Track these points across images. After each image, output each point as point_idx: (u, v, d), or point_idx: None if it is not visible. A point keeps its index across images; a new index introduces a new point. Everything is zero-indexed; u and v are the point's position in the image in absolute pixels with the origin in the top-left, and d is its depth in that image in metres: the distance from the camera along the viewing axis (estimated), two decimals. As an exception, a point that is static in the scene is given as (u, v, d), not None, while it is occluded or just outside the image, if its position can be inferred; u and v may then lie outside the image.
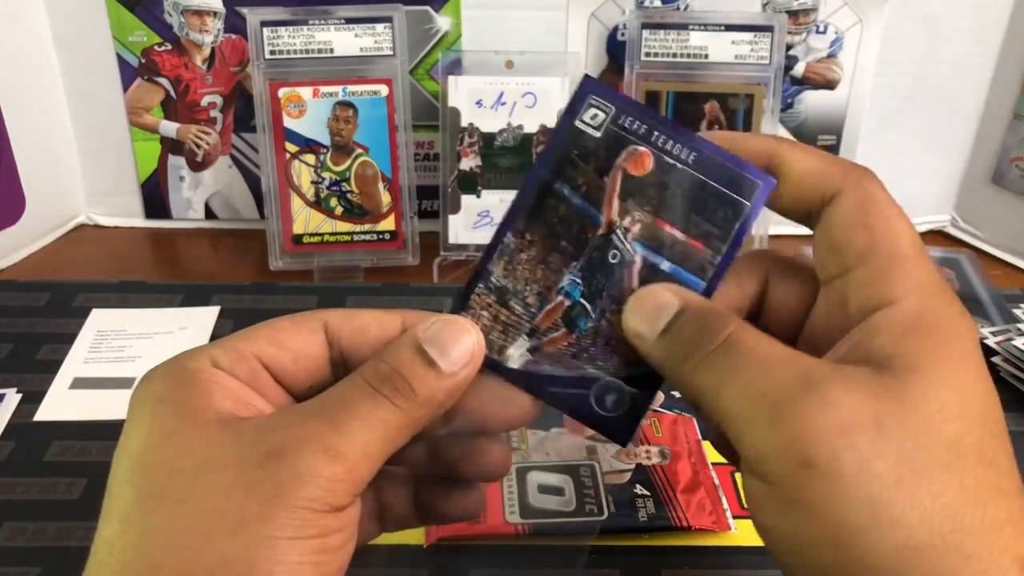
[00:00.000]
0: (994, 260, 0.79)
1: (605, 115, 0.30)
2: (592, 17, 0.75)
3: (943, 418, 0.24)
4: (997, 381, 0.61)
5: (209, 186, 0.81)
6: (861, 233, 0.27)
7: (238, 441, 0.26)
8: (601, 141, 0.30)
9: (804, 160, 0.29)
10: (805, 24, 0.75)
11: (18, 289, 0.71)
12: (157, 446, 0.26)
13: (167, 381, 0.27)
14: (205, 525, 0.24)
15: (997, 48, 0.75)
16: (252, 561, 0.24)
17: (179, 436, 0.26)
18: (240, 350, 0.28)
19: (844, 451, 0.23)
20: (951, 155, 0.81)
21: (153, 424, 0.26)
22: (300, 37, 0.71)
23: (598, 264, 0.30)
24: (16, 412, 0.58)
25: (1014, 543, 0.23)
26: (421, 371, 0.27)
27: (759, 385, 0.25)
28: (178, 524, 0.24)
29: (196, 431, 0.26)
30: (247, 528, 0.24)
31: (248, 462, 0.25)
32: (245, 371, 0.28)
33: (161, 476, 0.25)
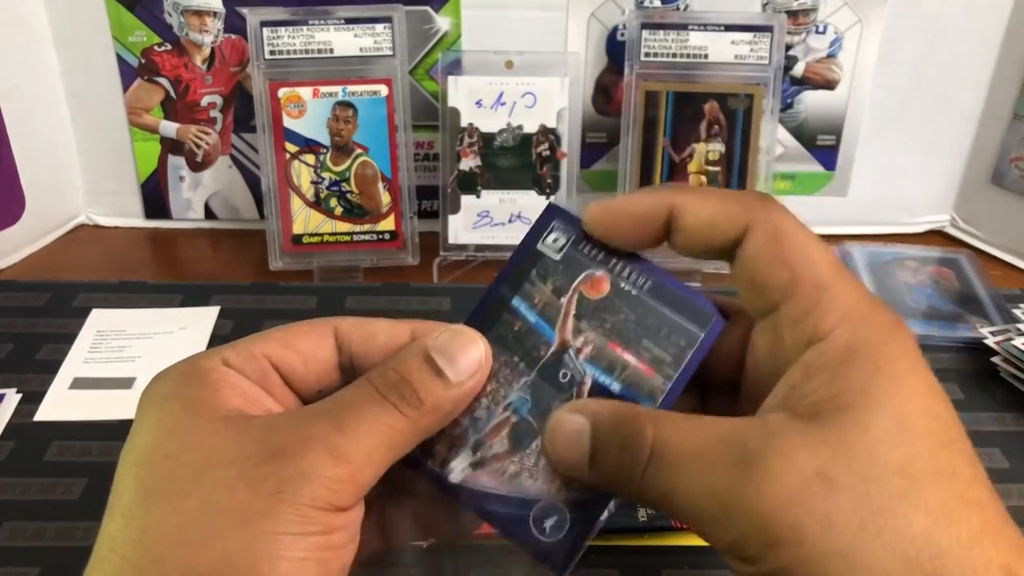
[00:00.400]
0: (994, 260, 0.79)
1: (566, 240, 0.31)
2: (592, 17, 0.75)
3: (886, 448, 0.24)
4: (997, 381, 0.62)
5: (209, 186, 0.81)
6: (779, 268, 0.27)
7: (244, 438, 0.26)
8: (560, 263, 0.31)
9: (702, 205, 0.28)
10: (805, 24, 0.75)
11: (18, 289, 0.71)
12: (163, 441, 0.26)
13: (177, 379, 0.28)
14: (208, 520, 0.24)
15: (997, 48, 0.75)
16: (255, 555, 0.24)
17: (185, 431, 0.26)
18: (251, 350, 0.29)
19: (802, 518, 0.23)
20: (951, 155, 0.81)
21: (160, 420, 0.27)
22: (300, 37, 0.71)
23: (548, 382, 0.30)
24: (16, 412, 0.58)
25: (996, 553, 0.23)
26: (428, 380, 0.27)
27: (701, 485, 0.25)
28: (181, 518, 0.25)
29: (203, 426, 0.26)
30: (250, 523, 0.24)
31: (253, 459, 0.25)
32: (255, 370, 0.28)
33: (165, 471, 0.25)
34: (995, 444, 0.57)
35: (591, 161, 0.80)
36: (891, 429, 0.24)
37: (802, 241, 0.27)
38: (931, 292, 0.73)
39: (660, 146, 0.73)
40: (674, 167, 0.73)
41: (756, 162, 0.72)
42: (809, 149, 0.80)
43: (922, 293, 0.72)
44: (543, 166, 0.73)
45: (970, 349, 0.65)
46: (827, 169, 0.81)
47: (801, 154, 0.80)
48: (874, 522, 0.23)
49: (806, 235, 0.27)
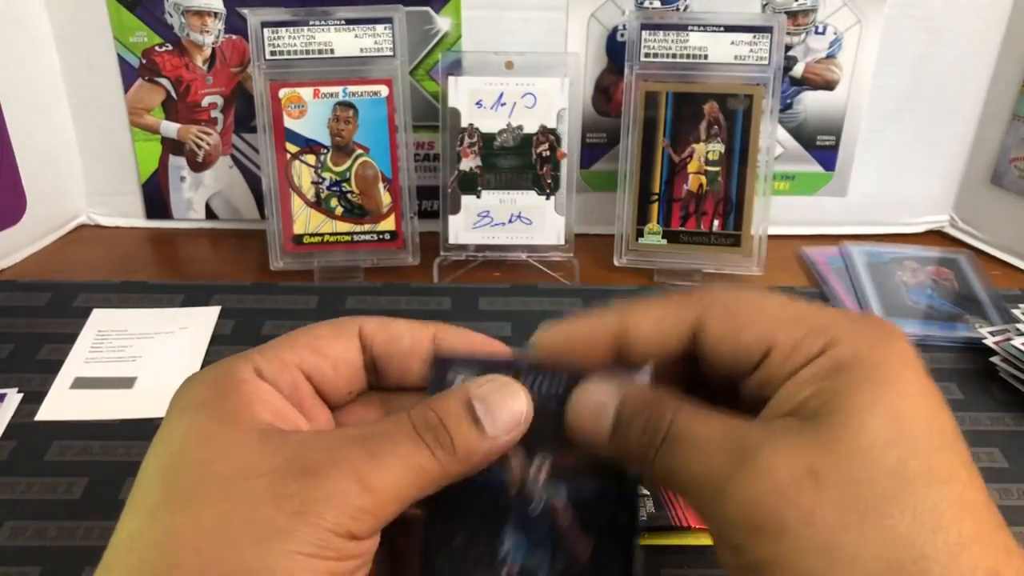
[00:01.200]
0: (993, 260, 0.79)
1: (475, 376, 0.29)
2: (592, 18, 0.75)
3: (880, 450, 0.24)
4: (996, 381, 0.62)
5: (210, 186, 0.81)
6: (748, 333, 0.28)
7: (276, 453, 0.26)
8: None
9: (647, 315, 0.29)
10: (804, 25, 0.76)
11: (19, 289, 0.71)
12: (195, 447, 0.26)
13: (211, 388, 0.28)
14: (229, 531, 0.24)
15: (996, 49, 0.76)
16: (270, 572, 0.24)
17: (219, 440, 0.26)
18: (283, 359, 0.29)
19: (785, 510, 0.24)
20: (950, 155, 0.81)
21: (193, 426, 0.27)
22: (300, 38, 0.71)
23: (527, 523, 0.29)
24: (17, 412, 0.58)
25: (984, 558, 0.23)
26: (466, 428, 0.27)
27: (703, 468, 0.26)
28: (203, 526, 0.25)
29: (236, 437, 0.26)
30: (270, 540, 0.24)
31: (283, 475, 0.25)
32: (287, 382, 0.29)
33: (195, 477, 0.26)
34: (994, 444, 0.57)
35: (591, 161, 0.80)
36: (886, 431, 0.24)
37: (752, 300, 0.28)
38: (930, 292, 0.73)
39: (660, 146, 0.73)
40: (674, 167, 0.73)
41: (756, 162, 0.72)
42: (808, 149, 0.80)
43: (921, 293, 0.72)
44: (543, 166, 0.73)
45: (969, 349, 0.66)
46: (826, 169, 0.81)
47: (800, 154, 0.80)
48: (859, 522, 0.23)
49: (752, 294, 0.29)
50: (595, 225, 0.79)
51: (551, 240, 0.74)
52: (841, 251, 0.78)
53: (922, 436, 0.24)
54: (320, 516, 0.25)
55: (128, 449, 0.55)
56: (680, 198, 0.74)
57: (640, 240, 0.75)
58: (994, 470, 0.55)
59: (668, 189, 0.74)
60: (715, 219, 0.74)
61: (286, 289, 0.72)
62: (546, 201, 0.74)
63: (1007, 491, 0.54)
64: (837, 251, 0.78)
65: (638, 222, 0.74)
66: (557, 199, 0.74)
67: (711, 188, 0.73)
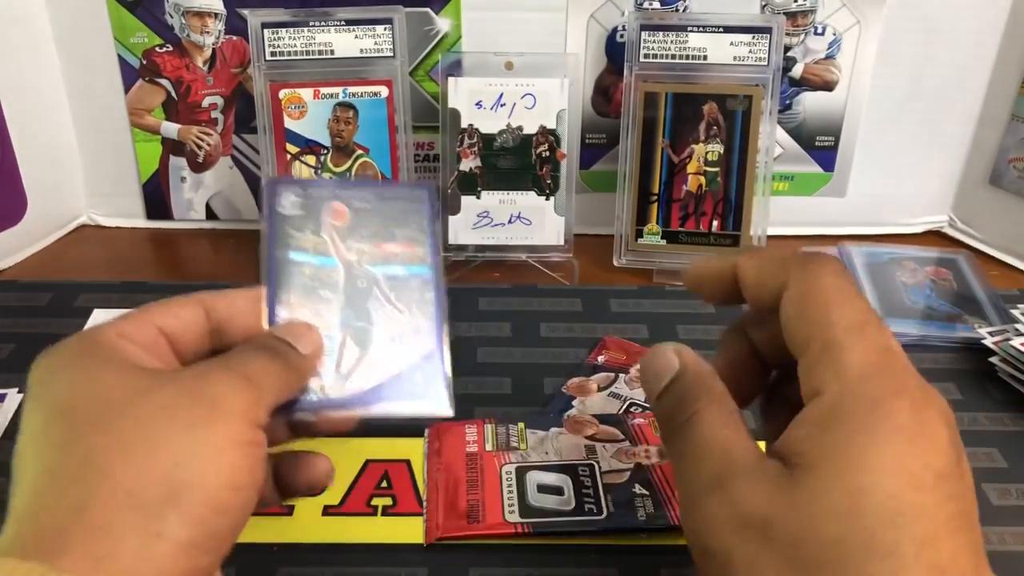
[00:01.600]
0: (992, 260, 0.79)
1: (298, 196, 0.37)
2: (591, 19, 0.76)
3: (830, 519, 0.25)
4: (995, 381, 0.62)
5: (210, 187, 0.81)
6: (801, 325, 0.29)
7: (166, 377, 0.29)
8: (303, 213, 0.37)
9: (754, 266, 0.31)
10: (803, 25, 0.76)
11: (19, 289, 0.71)
12: (85, 387, 0.28)
13: (76, 348, 0.30)
14: (151, 433, 0.26)
15: (995, 49, 0.76)
16: (202, 458, 0.26)
17: (108, 375, 0.28)
18: (142, 319, 0.32)
19: (736, 547, 0.26)
20: (949, 156, 0.81)
21: (75, 375, 0.29)
22: (301, 38, 0.71)
23: (355, 293, 0.37)
24: (17, 412, 0.58)
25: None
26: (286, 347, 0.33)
27: (691, 474, 0.28)
28: (124, 436, 0.26)
29: (124, 372, 0.28)
30: (194, 432, 0.27)
31: (184, 384, 0.28)
32: (148, 337, 0.32)
33: (97, 405, 0.27)
34: (993, 444, 0.57)
35: (591, 162, 0.81)
36: (839, 501, 0.25)
37: (827, 299, 0.28)
38: (929, 292, 0.73)
39: (659, 147, 0.73)
40: (673, 168, 0.73)
41: (755, 163, 0.72)
42: (808, 150, 0.80)
43: (920, 293, 0.73)
44: (543, 167, 0.74)
45: (968, 349, 0.66)
46: (825, 170, 0.81)
47: (800, 155, 0.80)
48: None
49: (836, 292, 0.29)
50: (595, 225, 0.79)
51: (551, 240, 0.75)
52: (840, 251, 0.78)
53: (874, 513, 0.25)
54: (230, 405, 0.28)
55: (128, 449, 0.56)
56: (679, 199, 0.74)
57: (639, 240, 0.75)
58: (993, 470, 0.56)
59: (667, 190, 0.74)
60: (714, 219, 0.74)
61: (286, 289, 0.72)
62: (546, 202, 0.74)
63: (1006, 491, 0.54)
64: (836, 251, 0.79)
65: (637, 222, 0.74)
66: (557, 200, 0.74)
67: (710, 188, 0.73)
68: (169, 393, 0.28)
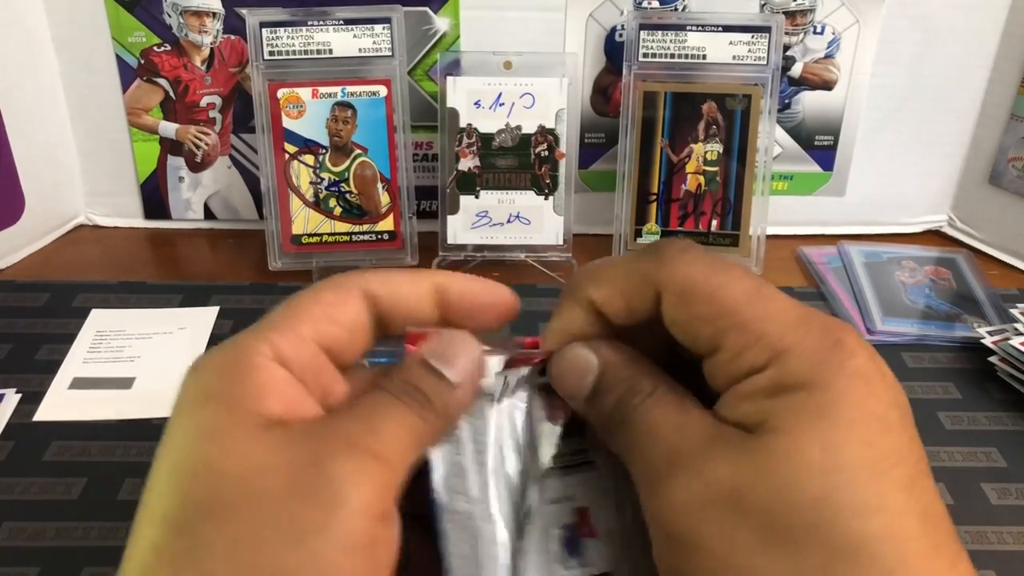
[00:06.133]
0: (991, 260, 0.79)
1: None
2: (590, 18, 0.75)
3: (806, 478, 0.23)
4: (994, 381, 0.62)
5: (208, 186, 0.81)
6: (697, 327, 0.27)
7: (288, 447, 0.25)
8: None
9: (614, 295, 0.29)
10: (802, 25, 0.76)
11: (17, 289, 0.71)
12: (204, 447, 0.25)
13: (219, 375, 0.27)
14: (261, 535, 0.24)
15: (994, 49, 0.76)
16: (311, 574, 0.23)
17: (227, 438, 0.25)
18: (300, 334, 0.28)
19: (704, 524, 0.24)
20: (948, 155, 0.81)
21: (200, 423, 0.26)
22: (299, 38, 0.71)
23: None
24: (15, 412, 0.58)
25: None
26: (433, 382, 0.28)
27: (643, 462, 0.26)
28: (232, 533, 0.24)
29: (244, 433, 0.25)
30: (306, 539, 0.24)
31: (300, 467, 0.25)
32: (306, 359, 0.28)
33: (209, 481, 0.25)
34: (993, 443, 0.57)
35: (590, 161, 0.80)
36: (816, 459, 0.24)
37: (710, 289, 0.27)
38: (928, 292, 0.73)
39: (658, 146, 0.73)
40: (672, 167, 0.73)
41: (754, 162, 0.72)
42: (807, 149, 0.80)
43: (920, 293, 0.73)
44: (542, 166, 0.73)
45: (967, 349, 0.66)
46: (825, 169, 0.81)
47: (799, 154, 0.80)
48: (777, 546, 0.23)
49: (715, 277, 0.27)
50: (594, 225, 0.79)
51: (550, 240, 0.75)
52: (839, 251, 0.78)
53: (854, 465, 0.23)
54: (348, 502, 0.24)
55: (126, 449, 0.55)
56: (678, 198, 0.74)
57: (638, 240, 0.75)
58: (992, 470, 0.55)
59: (666, 189, 0.74)
60: (713, 219, 0.74)
61: (285, 289, 0.71)
62: (544, 201, 0.74)
63: (1005, 490, 0.54)
64: (835, 251, 0.79)
65: (636, 222, 0.74)
66: (556, 199, 0.74)
67: (709, 188, 0.73)
68: (283, 481, 0.24)
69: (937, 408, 0.61)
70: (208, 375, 0.27)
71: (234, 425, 0.25)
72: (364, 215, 0.74)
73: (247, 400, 0.26)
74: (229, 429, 0.25)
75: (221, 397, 0.26)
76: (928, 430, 0.59)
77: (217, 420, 0.26)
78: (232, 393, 0.26)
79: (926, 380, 0.63)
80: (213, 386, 0.26)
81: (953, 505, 0.53)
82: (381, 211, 0.74)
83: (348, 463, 0.25)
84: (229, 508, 0.24)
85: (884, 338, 0.67)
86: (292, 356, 0.27)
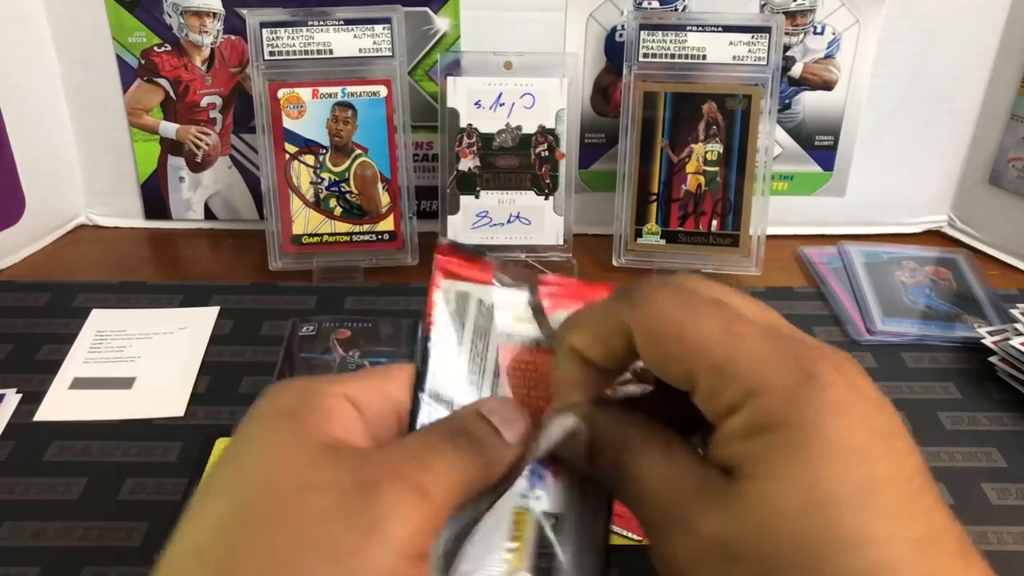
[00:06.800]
0: (991, 260, 0.79)
1: None
2: (590, 18, 0.75)
3: (785, 521, 0.23)
4: (994, 381, 0.62)
5: (209, 187, 0.81)
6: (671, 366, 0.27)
7: (339, 467, 0.26)
8: None
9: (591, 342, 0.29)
10: (803, 25, 0.76)
11: (18, 289, 0.71)
12: (264, 459, 0.26)
13: (295, 397, 0.28)
14: (299, 550, 0.24)
15: (994, 49, 0.76)
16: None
17: (287, 452, 0.26)
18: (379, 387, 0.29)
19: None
20: (948, 155, 0.81)
21: (265, 435, 0.27)
22: (299, 38, 0.71)
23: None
24: (16, 412, 0.58)
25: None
26: (490, 433, 0.28)
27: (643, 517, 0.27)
28: (272, 544, 0.24)
29: (303, 451, 0.26)
30: (340, 560, 0.24)
31: (348, 491, 0.25)
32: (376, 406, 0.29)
33: (260, 490, 0.25)
34: (993, 444, 0.57)
35: (590, 161, 0.80)
36: (793, 500, 0.23)
37: (679, 328, 0.26)
38: (929, 292, 0.73)
39: (658, 146, 0.73)
40: (672, 167, 0.73)
41: (754, 162, 0.72)
42: (807, 149, 0.80)
43: (920, 293, 0.73)
44: (542, 167, 0.73)
45: (968, 349, 0.66)
46: (825, 169, 0.81)
47: (799, 154, 0.80)
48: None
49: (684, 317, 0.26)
50: (594, 225, 0.79)
51: (550, 240, 0.75)
52: (839, 251, 0.78)
53: (832, 501, 0.23)
54: (388, 532, 0.24)
55: (127, 449, 0.56)
56: (679, 198, 0.74)
57: (639, 240, 0.75)
58: (992, 470, 0.56)
59: (667, 189, 0.74)
60: (713, 219, 0.74)
61: (285, 289, 0.72)
62: (545, 201, 0.74)
63: (1005, 491, 0.54)
64: (835, 251, 0.79)
65: (637, 222, 0.74)
66: (556, 199, 0.74)
67: (709, 188, 0.73)
68: (330, 500, 0.25)
69: (937, 408, 0.61)
70: (284, 395, 0.28)
71: (297, 442, 0.26)
72: (364, 215, 0.74)
73: (315, 420, 0.27)
74: (292, 443, 0.26)
75: (288, 414, 0.27)
76: (928, 430, 0.59)
77: (280, 434, 0.26)
78: (302, 412, 0.27)
79: (926, 380, 0.63)
80: (285, 403, 0.27)
81: (953, 505, 0.53)
82: (381, 211, 0.74)
83: (394, 495, 0.25)
84: (274, 519, 0.24)
85: (884, 338, 0.67)
86: (363, 401, 0.28)
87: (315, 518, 0.24)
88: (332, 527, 0.24)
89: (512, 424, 0.29)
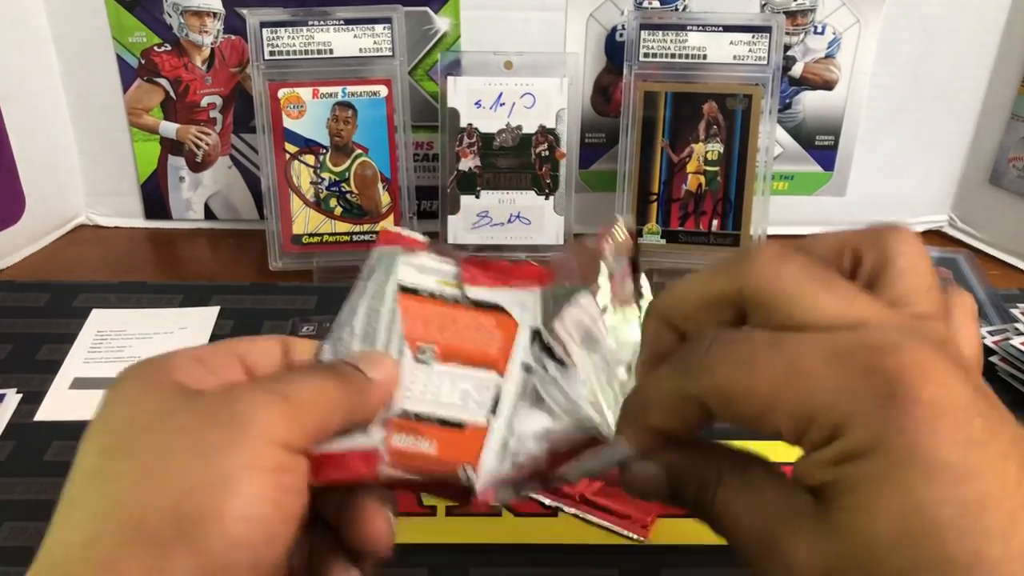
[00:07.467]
0: (992, 260, 0.79)
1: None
2: (591, 18, 0.75)
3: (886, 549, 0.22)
4: (995, 381, 0.62)
5: (209, 186, 0.81)
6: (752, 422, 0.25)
7: (198, 399, 0.28)
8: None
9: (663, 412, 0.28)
10: (803, 25, 0.76)
11: (18, 289, 0.71)
12: (121, 410, 0.28)
13: (144, 365, 0.30)
14: (166, 462, 0.26)
15: (995, 48, 0.76)
16: (212, 491, 0.25)
17: (144, 399, 0.28)
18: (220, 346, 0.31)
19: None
20: (949, 155, 0.81)
21: (122, 394, 0.28)
22: (299, 38, 0.71)
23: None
24: (16, 412, 0.58)
25: None
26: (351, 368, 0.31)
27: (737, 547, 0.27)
28: (140, 465, 0.26)
29: (157, 394, 0.28)
30: (208, 457, 0.26)
31: (210, 403, 0.27)
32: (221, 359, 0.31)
33: (124, 432, 0.27)
34: (993, 443, 0.57)
35: (590, 161, 0.80)
36: (893, 527, 0.22)
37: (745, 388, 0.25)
38: (929, 292, 0.73)
39: (659, 146, 0.73)
40: (673, 167, 0.73)
41: (754, 162, 0.72)
42: (807, 149, 0.80)
43: (920, 293, 0.72)
44: (542, 166, 0.73)
45: (968, 349, 0.65)
46: (825, 169, 0.81)
47: (799, 154, 0.80)
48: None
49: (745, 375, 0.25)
50: (594, 225, 0.79)
51: (550, 240, 0.75)
52: (840, 251, 0.78)
53: (935, 527, 0.22)
54: (251, 424, 0.26)
55: (127, 449, 0.55)
56: (679, 198, 0.74)
57: (639, 240, 0.75)
58: (993, 470, 0.55)
59: (667, 189, 0.74)
60: (714, 219, 0.74)
61: (285, 289, 0.72)
62: (545, 201, 0.74)
63: (1006, 490, 0.54)
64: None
65: (637, 222, 0.74)
66: (556, 199, 0.74)
67: (710, 188, 0.73)
68: (192, 414, 0.27)
69: (938, 408, 0.60)
70: (134, 367, 0.30)
71: (147, 389, 0.28)
72: (364, 215, 0.74)
73: (161, 374, 0.29)
74: (145, 393, 0.28)
75: (139, 376, 0.29)
76: (929, 430, 0.59)
77: (135, 389, 0.28)
78: (149, 372, 0.29)
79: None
80: (134, 371, 0.29)
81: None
82: (381, 211, 0.74)
83: (253, 397, 0.27)
84: (138, 448, 0.26)
85: (885, 338, 0.67)
86: (208, 356, 0.30)
87: (180, 430, 0.26)
88: (197, 433, 0.26)
89: (375, 364, 0.31)
